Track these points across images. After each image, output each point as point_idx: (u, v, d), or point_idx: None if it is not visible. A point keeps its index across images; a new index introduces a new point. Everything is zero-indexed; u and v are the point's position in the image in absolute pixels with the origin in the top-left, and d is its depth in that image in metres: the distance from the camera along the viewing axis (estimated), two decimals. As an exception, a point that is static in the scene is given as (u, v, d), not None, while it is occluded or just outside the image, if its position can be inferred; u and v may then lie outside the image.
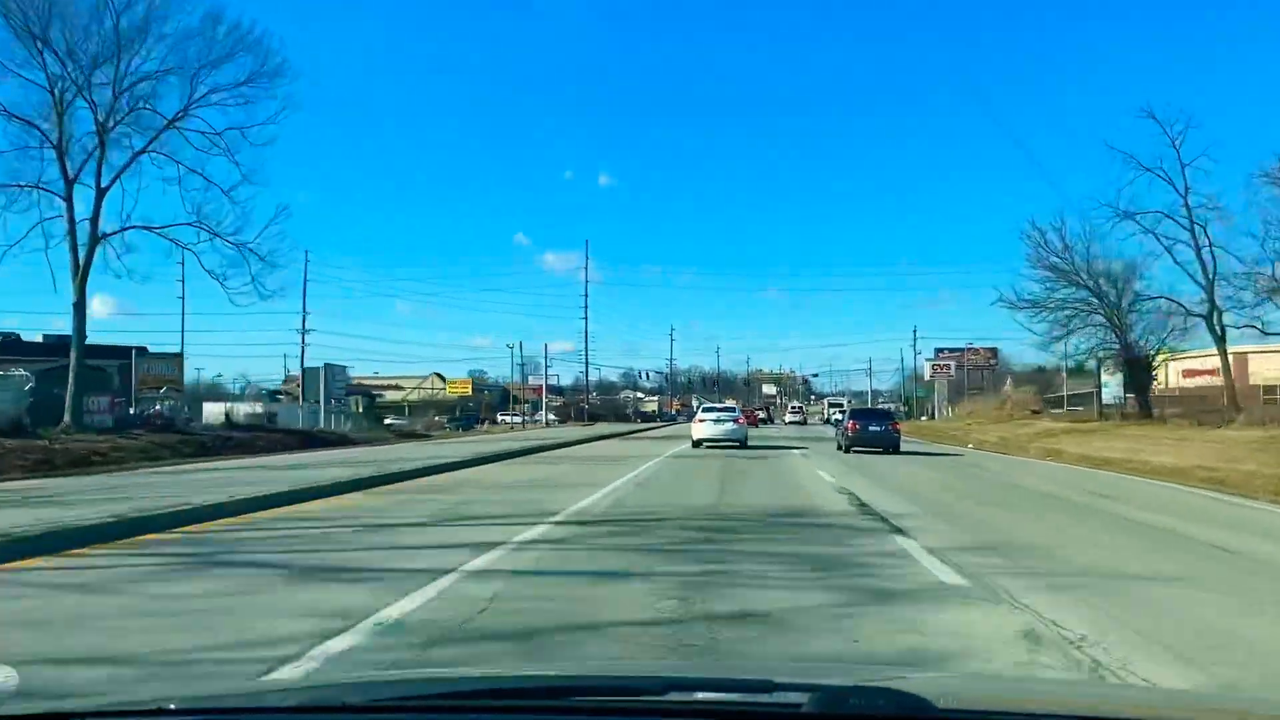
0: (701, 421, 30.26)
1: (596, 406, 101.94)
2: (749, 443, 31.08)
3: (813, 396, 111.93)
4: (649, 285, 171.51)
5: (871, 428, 28.27)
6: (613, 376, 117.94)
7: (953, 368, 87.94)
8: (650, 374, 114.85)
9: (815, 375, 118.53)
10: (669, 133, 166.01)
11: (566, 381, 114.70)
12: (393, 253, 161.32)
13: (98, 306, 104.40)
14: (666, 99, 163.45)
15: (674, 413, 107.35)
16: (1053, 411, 55.40)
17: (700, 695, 1.94)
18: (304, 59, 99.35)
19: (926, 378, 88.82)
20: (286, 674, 4.49)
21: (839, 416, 45.30)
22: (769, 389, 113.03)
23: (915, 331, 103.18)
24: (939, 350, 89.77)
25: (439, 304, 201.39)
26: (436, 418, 66.55)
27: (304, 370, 51.78)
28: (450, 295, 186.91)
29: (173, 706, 1.77)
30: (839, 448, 29.28)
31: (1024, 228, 43.97)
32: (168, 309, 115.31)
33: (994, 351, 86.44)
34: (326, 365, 49.59)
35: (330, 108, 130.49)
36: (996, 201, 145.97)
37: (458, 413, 79.40)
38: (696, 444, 29.21)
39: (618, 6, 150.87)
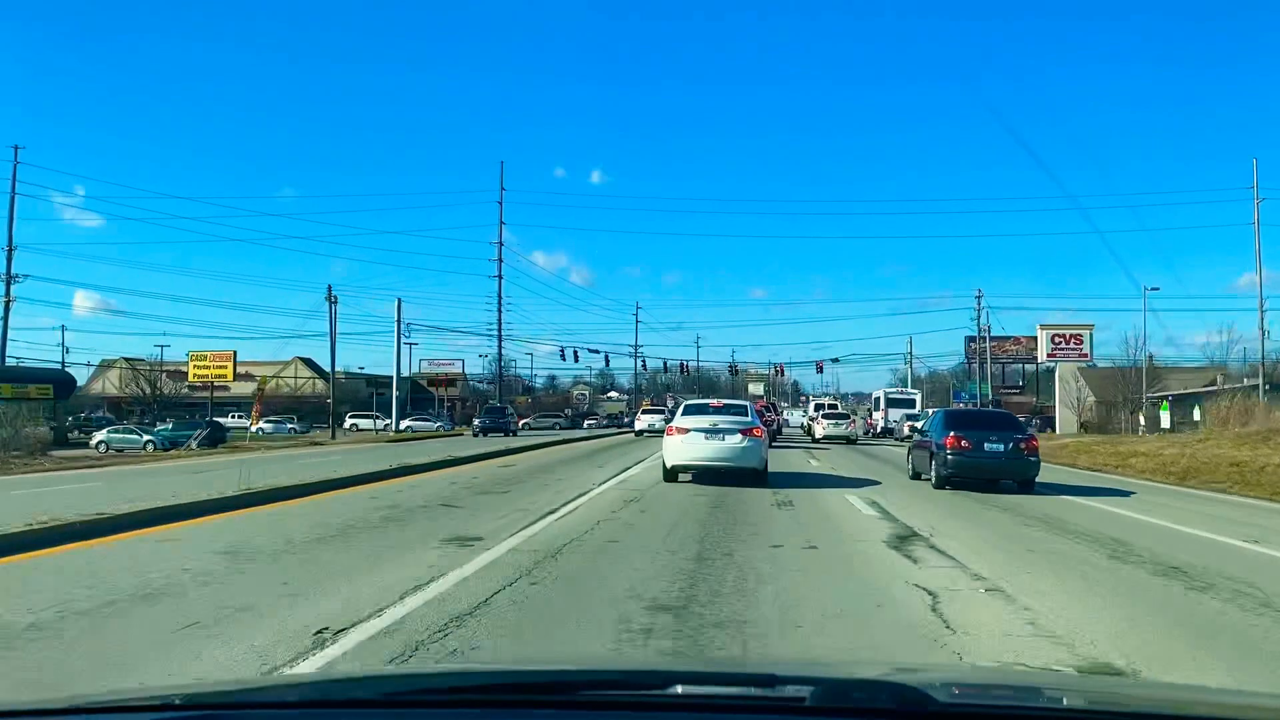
0: (685, 432, 17.02)
1: (522, 407, 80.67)
2: (767, 473, 17.45)
3: (804, 397, 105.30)
4: (636, 284, 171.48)
5: (989, 445, 16.76)
6: (589, 375, 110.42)
7: (1087, 339, 57.92)
8: (579, 352, 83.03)
9: (836, 360, 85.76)
10: (660, 133, 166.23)
11: (543, 380, 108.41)
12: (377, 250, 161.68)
13: None
14: (663, 97, 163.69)
15: (614, 417, 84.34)
16: None
17: (704, 689, 1.96)
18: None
19: (1042, 358, 62.04)
20: None
21: (919, 426, 26.16)
22: (755, 388, 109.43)
23: (980, 297, 68.84)
24: (968, 339, 68.32)
25: (421, 301, 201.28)
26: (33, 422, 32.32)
27: None
28: (432, 290, 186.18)
29: (178, 700, 1.77)
30: (914, 475, 19.04)
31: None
32: None
33: (1088, 331, 59.09)
34: None
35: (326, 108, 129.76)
36: (996, 195, 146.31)
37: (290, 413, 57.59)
38: (670, 475, 17.15)
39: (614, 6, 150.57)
